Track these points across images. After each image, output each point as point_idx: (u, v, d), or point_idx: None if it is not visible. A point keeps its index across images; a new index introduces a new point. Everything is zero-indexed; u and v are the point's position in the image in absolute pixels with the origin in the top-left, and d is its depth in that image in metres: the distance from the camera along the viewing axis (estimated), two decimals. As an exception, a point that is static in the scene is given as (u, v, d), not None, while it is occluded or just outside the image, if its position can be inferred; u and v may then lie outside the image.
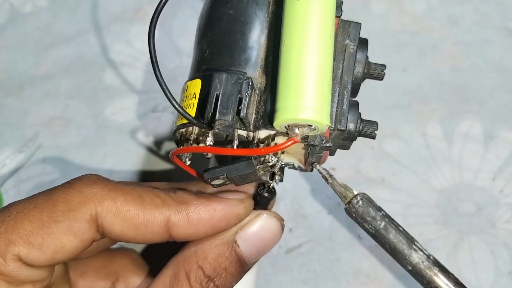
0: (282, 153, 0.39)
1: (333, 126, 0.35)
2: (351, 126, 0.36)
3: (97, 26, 0.62)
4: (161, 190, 0.38)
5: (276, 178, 0.39)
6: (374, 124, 0.38)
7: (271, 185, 0.41)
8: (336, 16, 0.35)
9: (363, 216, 0.37)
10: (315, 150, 0.35)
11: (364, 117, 0.38)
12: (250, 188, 0.41)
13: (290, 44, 0.33)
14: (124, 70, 0.59)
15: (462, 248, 0.49)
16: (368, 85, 0.53)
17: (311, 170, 0.41)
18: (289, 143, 0.33)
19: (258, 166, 0.36)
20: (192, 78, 0.37)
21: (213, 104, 0.34)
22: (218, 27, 0.37)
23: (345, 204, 0.38)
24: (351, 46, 0.36)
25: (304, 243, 0.50)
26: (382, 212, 0.38)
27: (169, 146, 0.55)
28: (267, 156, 0.36)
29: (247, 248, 0.38)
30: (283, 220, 0.40)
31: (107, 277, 0.44)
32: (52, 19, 0.62)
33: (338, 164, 0.54)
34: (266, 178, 0.41)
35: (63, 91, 0.58)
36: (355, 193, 0.38)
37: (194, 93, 0.36)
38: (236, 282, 0.39)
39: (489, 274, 0.48)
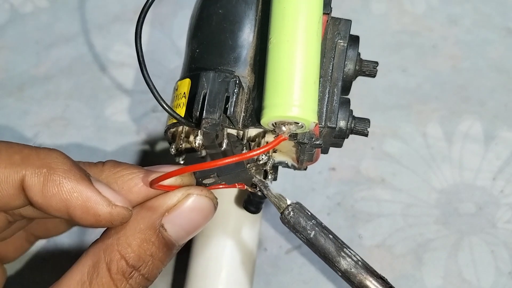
0: (274, 151, 0.39)
1: (323, 124, 0.35)
2: (342, 123, 0.36)
3: (97, 27, 0.62)
4: (29, 146, 0.33)
5: (269, 177, 0.39)
6: (366, 121, 0.37)
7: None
8: (325, 13, 0.35)
9: (294, 226, 0.36)
10: (306, 148, 0.35)
11: (364, 116, 0.38)
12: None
13: (275, 42, 0.33)
14: (124, 71, 0.60)
15: (462, 248, 0.49)
16: (367, 85, 0.52)
17: (305, 169, 0.40)
18: (275, 142, 0.32)
19: (249, 165, 0.36)
20: (182, 77, 0.37)
21: (200, 102, 0.34)
22: (208, 27, 0.37)
23: (280, 214, 0.38)
24: (342, 43, 0.36)
25: (303, 243, 0.50)
26: (312, 221, 0.37)
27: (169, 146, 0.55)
28: (258, 154, 0.36)
29: (176, 231, 0.34)
30: (216, 198, 0.36)
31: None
32: (52, 19, 0.63)
33: (338, 164, 0.53)
34: (259, 177, 0.40)
35: (63, 91, 0.59)
36: (288, 203, 0.38)
37: (184, 93, 0.36)
38: (165, 266, 0.35)
39: (489, 274, 0.48)
